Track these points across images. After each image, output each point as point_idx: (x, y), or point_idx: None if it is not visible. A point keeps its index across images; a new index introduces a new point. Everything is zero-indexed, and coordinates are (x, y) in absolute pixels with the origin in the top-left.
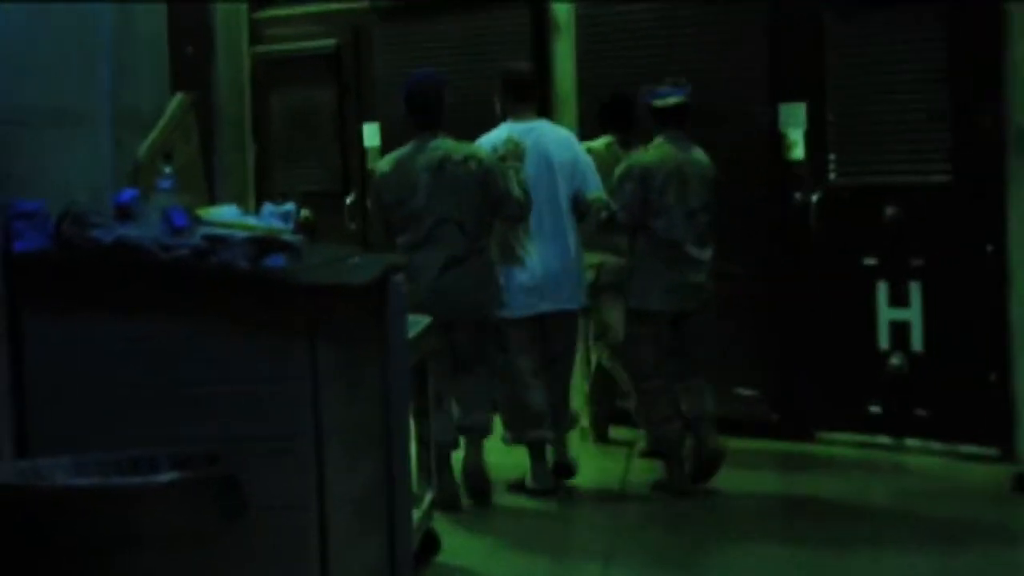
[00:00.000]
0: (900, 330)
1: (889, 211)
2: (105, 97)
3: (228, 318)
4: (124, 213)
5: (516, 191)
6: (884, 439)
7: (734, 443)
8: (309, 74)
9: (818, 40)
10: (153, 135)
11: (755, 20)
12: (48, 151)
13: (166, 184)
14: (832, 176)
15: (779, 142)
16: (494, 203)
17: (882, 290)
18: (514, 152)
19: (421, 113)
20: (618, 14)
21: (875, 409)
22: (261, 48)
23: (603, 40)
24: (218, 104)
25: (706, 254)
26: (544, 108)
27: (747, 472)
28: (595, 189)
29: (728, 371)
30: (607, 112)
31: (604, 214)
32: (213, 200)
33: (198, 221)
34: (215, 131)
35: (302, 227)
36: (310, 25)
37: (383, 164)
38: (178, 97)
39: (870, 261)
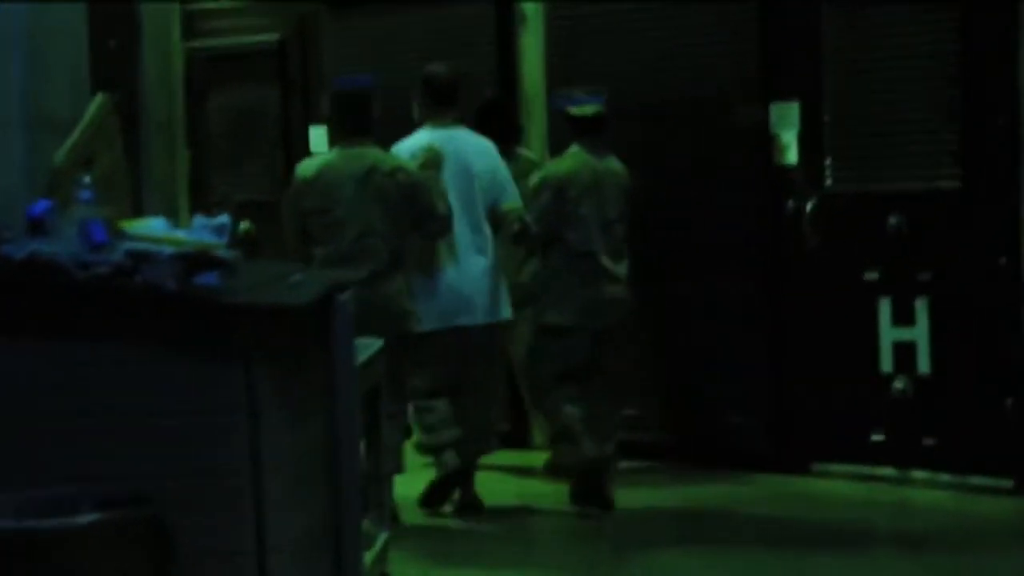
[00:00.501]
0: (905, 351)
1: (892, 220)
2: (17, 97)
3: (154, 343)
4: (37, 227)
5: (441, 207)
6: (888, 471)
7: (723, 477)
8: (250, 71)
9: (814, 33)
10: (71, 140)
11: (743, 11)
12: None
13: (86, 195)
14: (829, 182)
15: (770, 145)
16: (418, 218)
17: (885, 307)
18: (432, 160)
19: (349, 120)
20: (591, 6)
21: (878, 438)
22: (195, 43)
23: (575, 34)
24: (145, 105)
25: (622, 268)
26: (511, 108)
27: (736, 506)
28: (512, 200)
29: (715, 397)
30: (484, 120)
31: (516, 225)
32: (139, 212)
33: (121, 235)
34: (142, 135)
35: (240, 241)
36: (251, 17)
37: (305, 169)
38: (99, 97)
39: (871, 276)
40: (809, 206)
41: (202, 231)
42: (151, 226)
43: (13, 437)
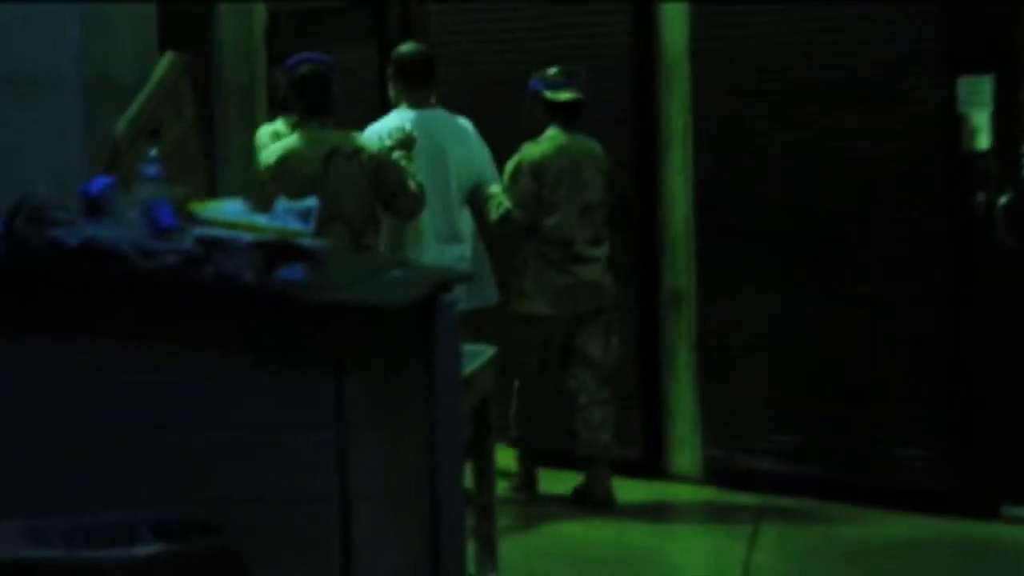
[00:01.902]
0: None
1: None
2: (73, 58)
3: (228, 345)
4: (95, 208)
5: (411, 185)
6: None
7: (894, 520)
8: (342, 29)
9: None
10: (135, 107)
11: None
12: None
13: (151, 170)
14: None
15: (957, 128)
16: (387, 199)
17: None
18: (404, 141)
19: (308, 101)
20: None
21: None
22: None
23: None
24: (221, 67)
25: (601, 250)
26: (649, 77)
27: (910, 554)
28: (493, 182)
29: (886, 424)
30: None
31: (498, 212)
32: (213, 192)
33: (191, 219)
34: (217, 102)
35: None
36: None
37: (267, 157)
38: (167, 58)
39: None
40: (1003, 200)
41: (286, 216)
42: (227, 209)
43: (61, 453)
